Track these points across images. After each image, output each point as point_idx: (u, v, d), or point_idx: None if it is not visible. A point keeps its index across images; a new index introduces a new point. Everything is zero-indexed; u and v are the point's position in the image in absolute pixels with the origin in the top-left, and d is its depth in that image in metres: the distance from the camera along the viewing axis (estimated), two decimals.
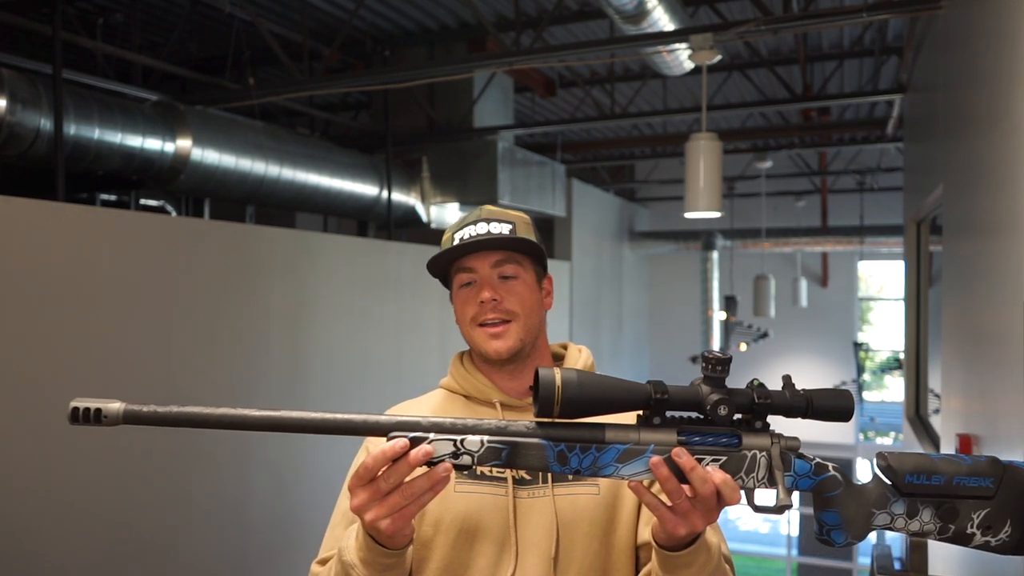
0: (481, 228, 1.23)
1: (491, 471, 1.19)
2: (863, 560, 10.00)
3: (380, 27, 5.86)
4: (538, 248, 1.25)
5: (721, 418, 0.95)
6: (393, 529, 0.95)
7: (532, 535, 1.17)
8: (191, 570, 3.63)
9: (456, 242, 1.23)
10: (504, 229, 1.23)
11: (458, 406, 1.27)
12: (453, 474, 1.19)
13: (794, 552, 10.63)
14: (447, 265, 1.26)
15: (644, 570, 1.15)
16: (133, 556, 3.35)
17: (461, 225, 1.25)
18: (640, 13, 4.02)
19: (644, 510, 1.19)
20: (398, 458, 0.92)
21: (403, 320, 5.21)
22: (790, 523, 10.78)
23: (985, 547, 0.98)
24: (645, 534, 1.09)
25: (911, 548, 2.42)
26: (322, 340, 4.51)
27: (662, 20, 4.13)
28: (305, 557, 1.23)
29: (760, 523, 13.54)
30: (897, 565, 2.51)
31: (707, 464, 0.95)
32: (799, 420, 1.00)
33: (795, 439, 0.98)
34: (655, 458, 0.94)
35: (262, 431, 0.93)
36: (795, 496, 1.00)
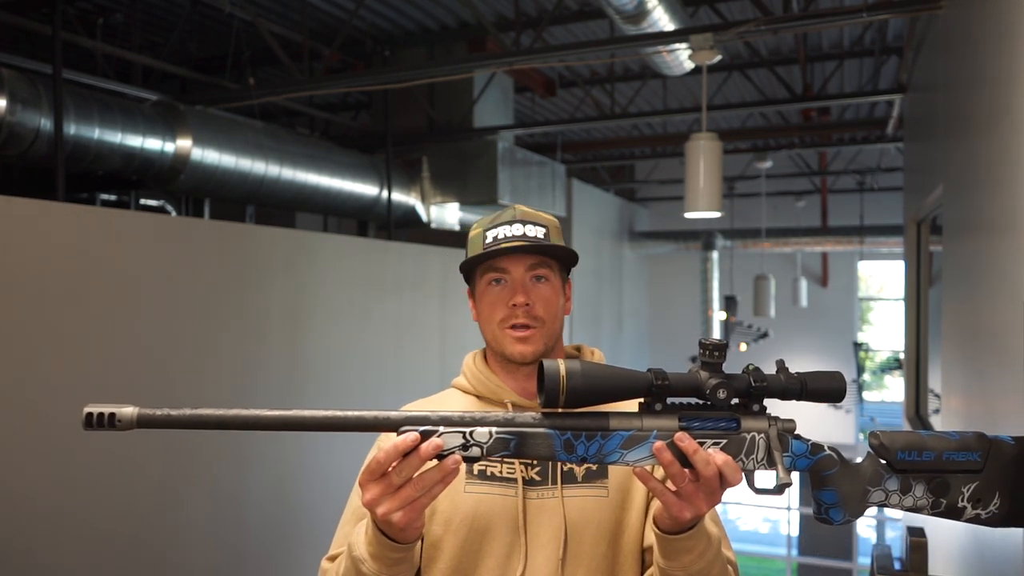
0: (516, 229, 1.22)
1: (501, 471, 1.20)
2: (863, 560, 9.99)
3: (380, 27, 5.86)
4: (573, 256, 1.25)
5: (720, 402, 0.97)
6: (405, 521, 0.97)
7: (541, 536, 1.18)
8: (188, 571, 3.63)
9: (488, 240, 1.23)
10: (539, 232, 1.23)
11: (470, 406, 1.28)
12: (464, 473, 1.20)
13: (794, 552, 10.63)
14: (475, 263, 1.26)
15: (649, 572, 1.16)
16: (131, 557, 3.35)
17: (494, 224, 1.25)
18: (640, 13, 4.02)
19: (652, 511, 1.19)
20: (409, 452, 0.94)
21: (403, 320, 5.21)
22: (790, 523, 10.78)
23: (976, 520, 1.01)
24: (652, 536, 1.11)
25: (911, 548, 2.42)
26: (322, 340, 4.51)
27: (662, 20, 4.13)
28: (303, 557, 1.24)
29: (760, 523, 13.54)
30: (897, 565, 2.51)
31: (708, 447, 0.98)
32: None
33: (791, 421, 1.01)
34: (658, 443, 0.97)
35: (275, 431, 0.94)
36: (794, 476, 1.02)
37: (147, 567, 3.42)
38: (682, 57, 4.74)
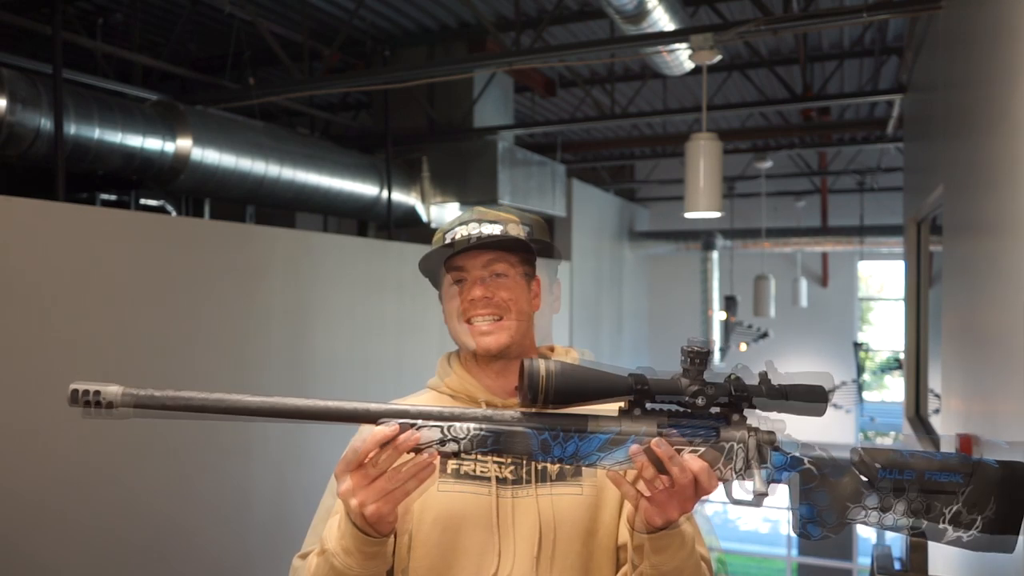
0: (473, 229, 1.24)
1: (475, 469, 1.21)
2: (863, 560, 9.99)
3: (380, 27, 5.86)
4: (527, 247, 1.25)
5: (699, 409, 0.98)
6: (379, 515, 0.98)
7: (515, 534, 1.18)
8: (193, 564, 3.63)
9: (447, 242, 1.25)
10: (495, 230, 1.24)
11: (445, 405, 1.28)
12: (438, 472, 1.20)
13: (794, 552, 10.62)
14: (438, 265, 1.27)
15: (623, 569, 1.16)
16: (135, 551, 3.35)
17: (452, 226, 1.27)
18: (640, 13, 4.02)
19: (625, 511, 1.20)
20: (387, 443, 0.95)
21: (403, 320, 5.21)
22: (790, 523, 10.77)
23: (957, 543, 1.00)
24: (626, 534, 1.11)
25: (911, 548, 2.42)
26: (322, 340, 4.51)
27: (662, 20, 4.13)
28: None
29: (760, 523, 13.54)
30: (897, 565, 2.51)
31: (685, 454, 0.98)
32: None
33: (771, 432, 1.01)
34: (634, 447, 0.97)
35: (257, 417, 0.95)
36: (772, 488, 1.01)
37: (151, 561, 3.42)
38: (682, 57, 4.74)
